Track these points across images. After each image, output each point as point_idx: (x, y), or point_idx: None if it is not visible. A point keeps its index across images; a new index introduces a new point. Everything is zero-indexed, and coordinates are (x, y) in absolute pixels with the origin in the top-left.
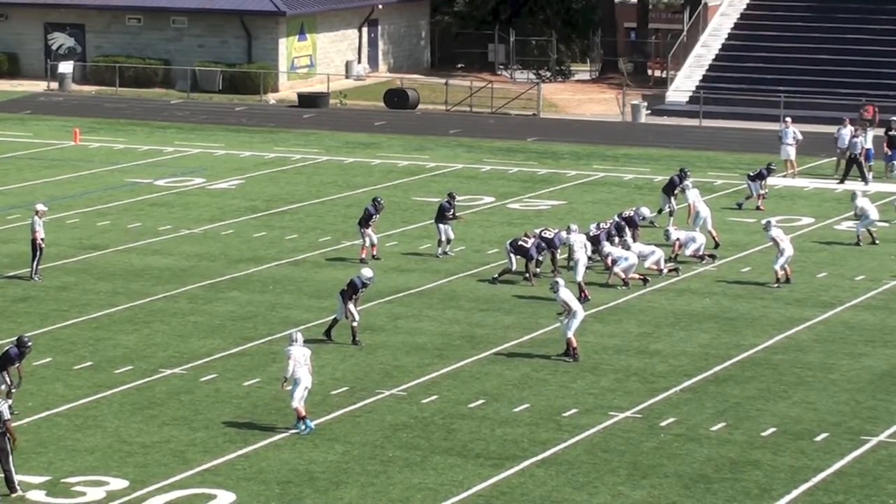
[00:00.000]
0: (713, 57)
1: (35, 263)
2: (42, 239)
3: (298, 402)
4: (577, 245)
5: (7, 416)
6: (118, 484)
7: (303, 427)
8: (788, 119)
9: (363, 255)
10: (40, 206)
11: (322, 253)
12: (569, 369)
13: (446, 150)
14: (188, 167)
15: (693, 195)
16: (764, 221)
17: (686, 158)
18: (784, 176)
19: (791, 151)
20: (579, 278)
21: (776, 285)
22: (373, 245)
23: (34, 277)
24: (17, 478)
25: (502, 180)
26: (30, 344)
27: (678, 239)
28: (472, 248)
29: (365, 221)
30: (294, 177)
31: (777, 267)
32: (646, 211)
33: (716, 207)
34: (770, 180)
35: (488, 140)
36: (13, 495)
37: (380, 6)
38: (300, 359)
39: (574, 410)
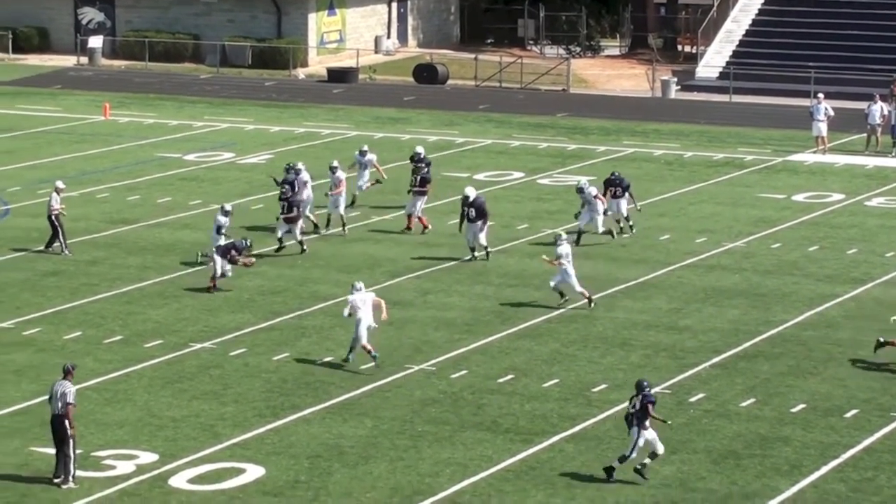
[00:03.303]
0: (743, 32)
1: (62, 238)
2: (59, 212)
3: (364, 340)
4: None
5: (71, 399)
6: (148, 457)
7: (373, 357)
8: (821, 95)
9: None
10: (59, 184)
11: (351, 228)
12: (598, 345)
13: (475, 125)
14: (218, 142)
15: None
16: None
17: (716, 134)
18: (814, 152)
19: (823, 127)
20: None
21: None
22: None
23: (65, 251)
24: (66, 475)
25: (532, 156)
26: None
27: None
28: (502, 224)
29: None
30: (323, 151)
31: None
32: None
33: (745, 184)
34: (801, 156)
35: (517, 115)
36: (55, 480)
37: None
38: (358, 302)
39: (603, 386)
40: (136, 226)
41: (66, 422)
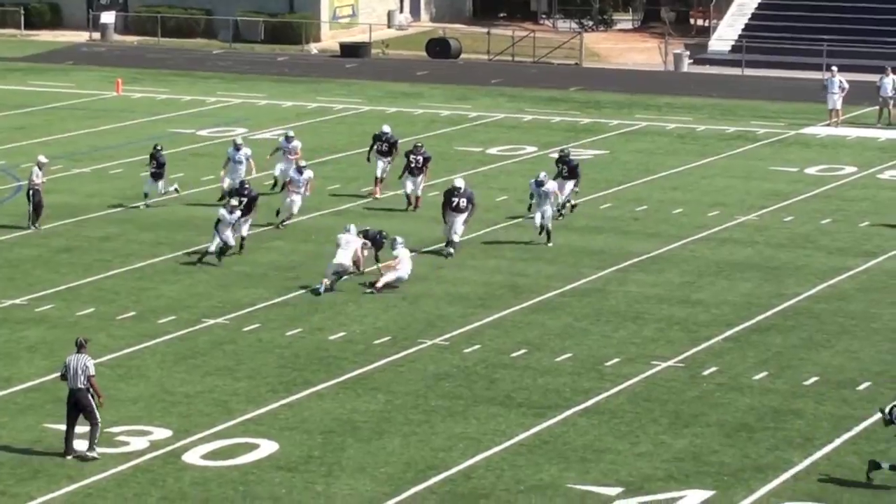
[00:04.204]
0: (756, 5)
1: (31, 213)
2: (38, 188)
3: (328, 274)
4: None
5: (92, 371)
6: (161, 433)
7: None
8: (834, 68)
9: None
10: (42, 158)
11: (364, 203)
12: (611, 319)
13: (488, 99)
14: (231, 117)
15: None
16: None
17: (728, 108)
18: (827, 125)
19: (837, 100)
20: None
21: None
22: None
23: (33, 226)
24: (96, 437)
25: (544, 130)
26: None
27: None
28: (516, 198)
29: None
30: (336, 126)
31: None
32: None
33: (758, 157)
34: (814, 129)
35: (530, 89)
36: (69, 457)
37: None
38: (342, 242)
39: (616, 360)
40: (148, 201)
41: (91, 394)
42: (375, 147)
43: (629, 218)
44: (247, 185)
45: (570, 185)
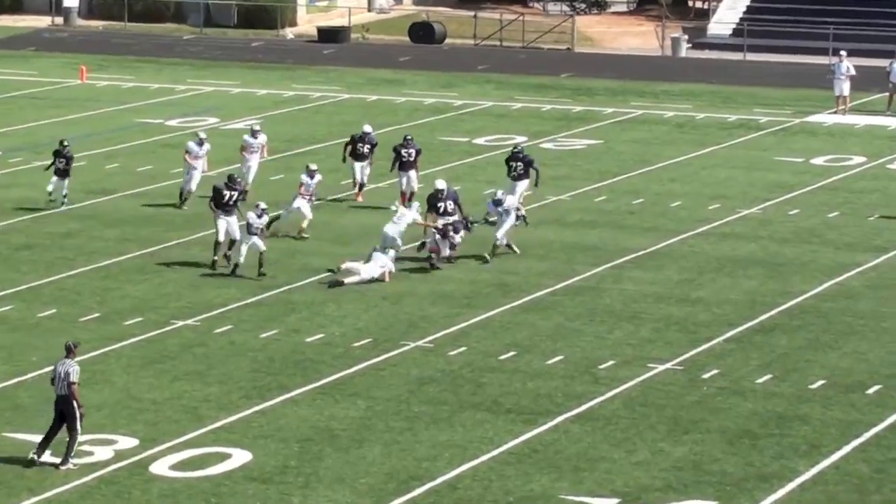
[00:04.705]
0: None
1: None
2: None
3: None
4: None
5: (74, 378)
6: (127, 442)
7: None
8: (843, 52)
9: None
10: None
11: (344, 196)
12: (605, 319)
13: (475, 86)
14: (201, 106)
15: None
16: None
17: (729, 95)
18: (834, 112)
19: (845, 86)
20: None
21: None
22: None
23: None
24: (73, 449)
25: (534, 118)
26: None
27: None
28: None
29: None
30: (313, 116)
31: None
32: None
33: (761, 147)
34: (819, 117)
35: (519, 76)
36: (63, 468)
37: None
38: (396, 216)
39: (611, 362)
40: (114, 196)
41: (74, 402)
42: (355, 149)
43: (625, 211)
44: (238, 180)
45: (521, 186)
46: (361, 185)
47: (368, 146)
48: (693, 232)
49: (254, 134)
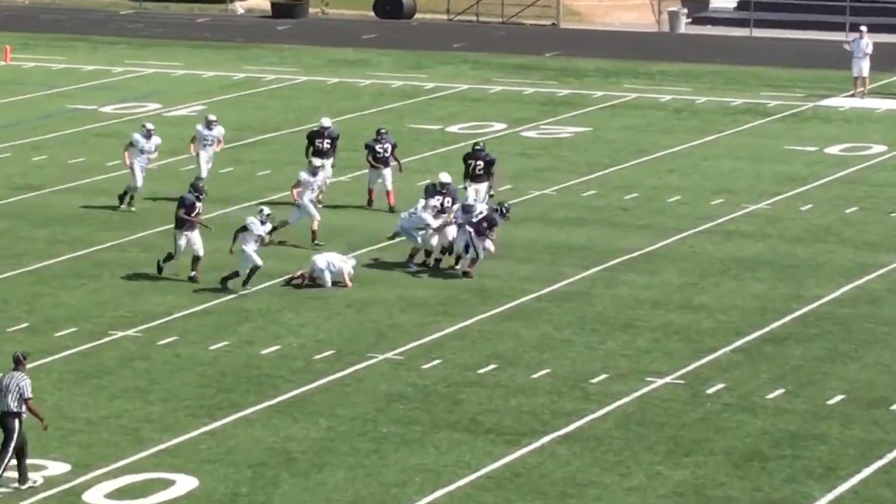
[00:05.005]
0: None
1: None
2: None
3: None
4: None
5: (28, 392)
6: (58, 468)
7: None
8: (864, 28)
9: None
10: None
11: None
12: (597, 327)
13: (448, 67)
14: (141, 91)
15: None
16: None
17: (734, 76)
18: (852, 95)
19: (864, 66)
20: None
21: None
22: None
23: None
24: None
25: (515, 103)
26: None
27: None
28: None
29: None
30: (267, 101)
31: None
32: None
33: (769, 135)
34: (836, 101)
35: (498, 55)
36: (23, 487)
37: None
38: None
39: (604, 376)
40: (43, 192)
41: (19, 420)
42: (314, 146)
43: (617, 207)
44: (202, 186)
45: (482, 188)
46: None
47: (329, 141)
48: (694, 230)
49: (209, 125)
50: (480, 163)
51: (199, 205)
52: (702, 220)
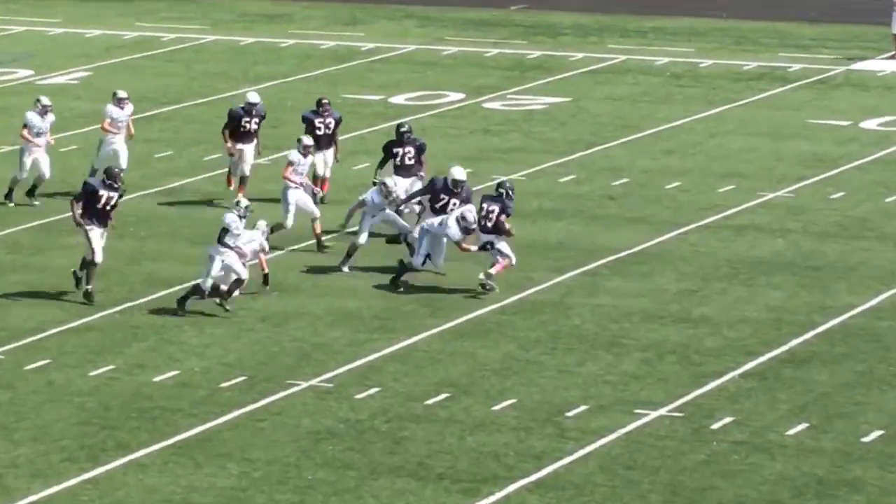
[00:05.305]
0: None
1: None
2: None
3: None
4: None
5: None
6: None
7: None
8: None
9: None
10: None
11: (209, 178)
12: (574, 346)
13: (390, 23)
14: (9, 53)
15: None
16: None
17: (746, 33)
18: (893, 56)
19: None
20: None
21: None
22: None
23: None
24: None
25: (475, 68)
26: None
27: None
28: (436, 170)
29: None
30: (166, 66)
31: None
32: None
33: (791, 105)
34: (872, 64)
35: (453, 8)
36: None
37: None
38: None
39: (582, 408)
40: None
41: None
42: (238, 127)
43: (601, 196)
44: (119, 172)
45: (410, 185)
46: (243, 176)
47: (257, 121)
48: (697, 224)
49: (119, 103)
50: (411, 150)
51: (107, 195)
52: (707, 211)
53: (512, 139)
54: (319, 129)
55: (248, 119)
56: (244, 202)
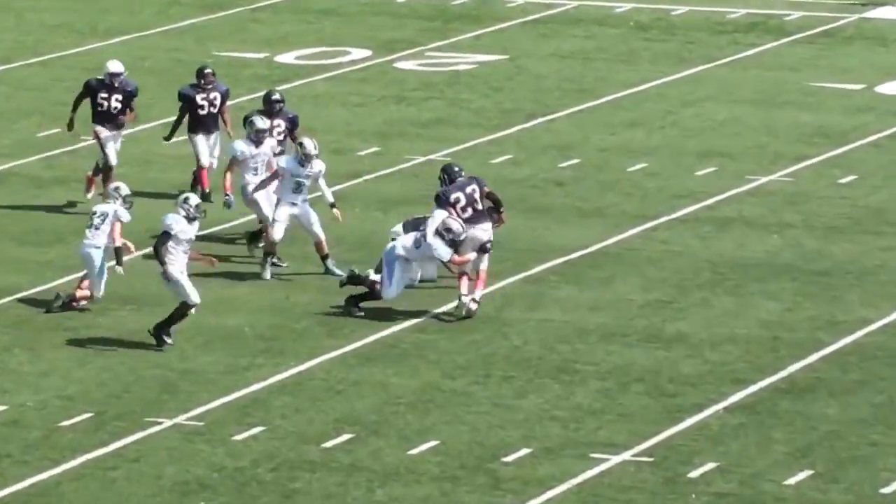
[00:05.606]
0: None
1: None
2: None
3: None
4: None
5: None
6: None
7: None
8: None
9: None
10: None
11: (44, 159)
12: (513, 373)
13: None
14: None
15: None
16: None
17: None
18: None
19: None
20: None
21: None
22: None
23: None
24: None
25: (385, 17)
26: None
27: None
28: (331, 148)
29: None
30: None
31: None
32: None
33: (787, 65)
34: (891, 11)
35: None
36: None
37: None
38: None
39: (524, 451)
40: None
41: None
42: (95, 106)
43: (546, 181)
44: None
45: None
46: (108, 167)
47: (120, 98)
48: (669, 216)
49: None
50: (282, 123)
51: None
52: (682, 199)
53: (433, 108)
54: (203, 107)
55: (106, 95)
56: (194, 199)
